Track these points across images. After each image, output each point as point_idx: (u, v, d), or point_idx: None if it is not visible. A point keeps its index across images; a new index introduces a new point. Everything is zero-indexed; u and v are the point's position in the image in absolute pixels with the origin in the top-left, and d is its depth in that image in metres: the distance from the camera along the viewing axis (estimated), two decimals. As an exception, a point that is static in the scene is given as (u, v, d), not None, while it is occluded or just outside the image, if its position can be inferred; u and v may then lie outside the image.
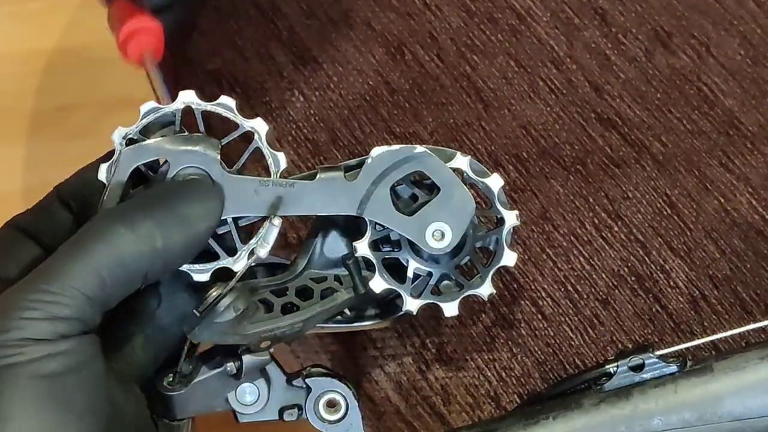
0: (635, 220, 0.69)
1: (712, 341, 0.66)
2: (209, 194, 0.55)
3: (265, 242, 0.55)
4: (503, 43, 0.74)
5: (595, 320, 0.67)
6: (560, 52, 0.73)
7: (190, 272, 0.56)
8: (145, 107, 0.57)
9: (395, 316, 0.60)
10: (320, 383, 0.58)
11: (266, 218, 0.56)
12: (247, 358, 0.56)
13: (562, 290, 0.67)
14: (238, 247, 0.57)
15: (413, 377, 0.66)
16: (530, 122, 0.72)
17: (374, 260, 0.58)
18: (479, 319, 0.67)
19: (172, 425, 0.57)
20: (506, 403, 0.65)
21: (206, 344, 0.57)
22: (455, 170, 0.57)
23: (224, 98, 0.57)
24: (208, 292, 0.55)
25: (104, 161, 0.57)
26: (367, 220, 0.57)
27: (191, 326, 0.54)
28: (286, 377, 0.58)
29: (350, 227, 0.59)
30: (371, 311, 0.61)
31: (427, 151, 0.57)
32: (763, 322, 0.59)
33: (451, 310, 0.58)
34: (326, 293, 0.58)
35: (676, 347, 0.57)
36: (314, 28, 0.75)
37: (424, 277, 0.59)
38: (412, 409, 0.66)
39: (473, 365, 0.66)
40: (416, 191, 0.58)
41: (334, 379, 0.58)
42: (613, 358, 0.57)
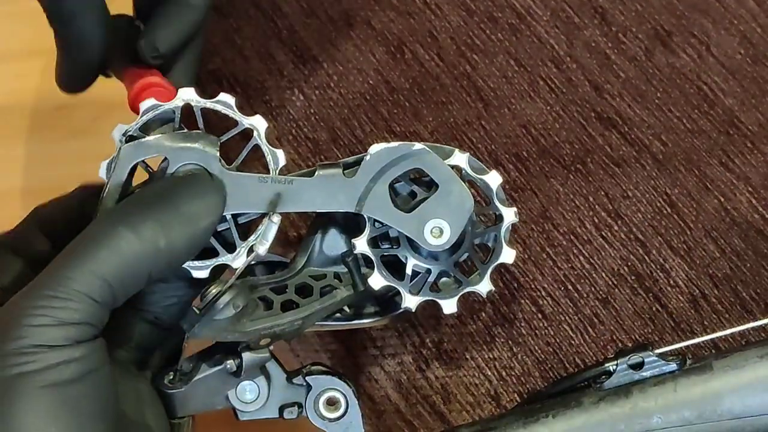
0: (635, 219, 0.69)
1: (712, 339, 0.66)
2: (210, 189, 0.55)
3: (264, 239, 0.55)
4: (503, 42, 0.74)
5: (595, 319, 0.67)
6: (560, 51, 0.73)
7: (189, 269, 0.56)
8: (144, 105, 0.57)
9: (394, 313, 0.60)
10: (320, 381, 0.58)
11: (265, 215, 0.56)
12: (246, 355, 0.56)
13: (562, 289, 0.67)
14: (237, 243, 0.57)
15: (413, 376, 0.66)
16: (530, 121, 0.72)
17: (373, 257, 0.58)
18: (479, 317, 0.67)
19: (173, 423, 0.57)
20: (506, 402, 0.65)
21: (206, 342, 0.57)
22: (454, 167, 0.57)
23: (223, 95, 0.57)
24: (207, 289, 0.55)
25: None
26: (365, 217, 0.57)
27: (191, 324, 0.55)
28: (286, 375, 0.58)
29: (349, 224, 0.59)
30: (371, 309, 0.61)
31: (425, 148, 0.57)
32: (762, 320, 0.59)
33: (449, 307, 0.59)
34: (326, 291, 0.58)
35: (675, 345, 0.58)
36: (314, 27, 0.75)
37: (422, 274, 0.59)
38: (411, 407, 0.66)
39: (473, 364, 0.66)
40: (415, 188, 0.58)
41: (334, 377, 0.59)
42: (612, 356, 0.57)
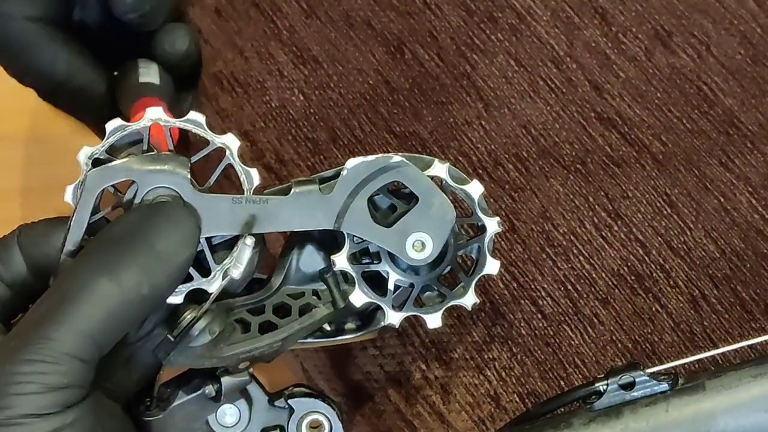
0: (635, 219, 0.69)
1: (712, 346, 0.66)
2: (184, 219, 0.53)
3: (238, 263, 0.54)
4: (503, 42, 0.74)
5: (594, 319, 0.67)
6: (560, 51, 0.73)
7: None
8: (111, 125, 0.55)
9: (376, 328, 0.59)
10: (303, 404, 0.57)
11: (239, 237, 0.55)
12: (225, 379, 0.55)
13: (561, 289, 0.67)
14: (212, 267, 0.55)
15: (413, 376, 0.66)
16: (530, 121, 0.72)
17: (354, 274, 0.56)
18: (479, 318, 0.67)
19: None
20: (506, 402, 0.65)
21: (182, 368, 0.56)
22: (433, 178, 0.56)
23: (193, 114, 0.55)
24: (181, 315, 0.53)
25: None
26: (345, 233, 0.56)
27: (166, 352, 0.53)
28: (267, 398, 0.57)
29: (326, 240, 0.57)
30: (352, 324, 0.60)
31: (404, 160, 0.55)
32: (754, 339, 0.59)
33: (434, 321, 0.58)
34: (305, 309, 0.57)
35: (667, 365, 0.56)
36: (314, 27, 0.75)
37: (405, 288, 0.58)
38: (411, 407, 0.66)
39: (473, 364, 0.66)
40: (394, 201, 0.57)
41: (317, 399, 0.58)
42: (602, 376, 0.56)
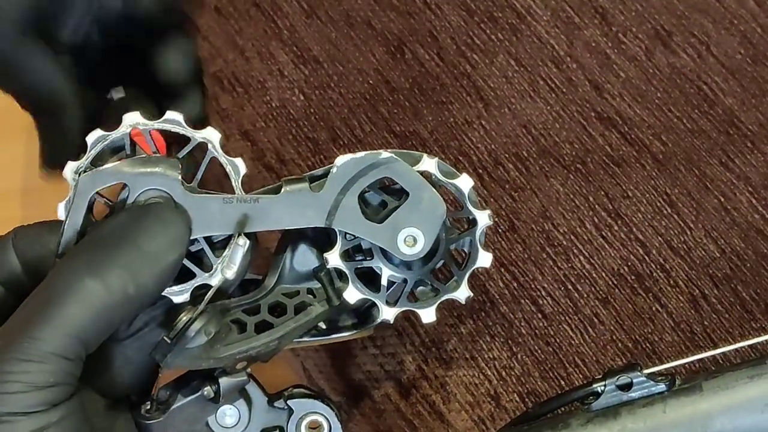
0: (635, 219, 0.69)
1: (712, 345, 0.66)
2: (173, 220, 0.53)
3: (231, 263, 0.54)
4: (503, 42, 0.74)
5: (595, 319, 0.67)
6: (560, 51, 0.73)
7: (168, 295, 0.55)
8: (91, 137, 0.55)
9: (372, 325, 0.59)
10: (302, 405, 0.58)
11: (232, 237, 0.55)
12: (224, 380, 0.55)
13: (562, 289, 0.67)
14: (212, 262, 0.55)
15: (413, 375, 0.66)
16: (530, 121, 0.72)
17: (347, 271, 0.57)
18: (479, 317, 0.67)
19: None
20: (506, 401, 0.65)
21: (181, 369, 0.56)
22: (423, 173, 0.56)
23: (170, 113, 0.56)
24: (177, 317, 0.53)
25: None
26: (336, 230, 0.56)
27: (163, 354, 0.53)
28: (267, 398, 0.57)
29: (319, 238, 0.58)
30: (348, 321, 0.60)
31: (393, 156, 0.56)
32: (749, 341, 0.59)
33: (428, 316, 0.58)
34: (300, 308, 0.57)
35: (664, 366, 0.57)
36: (314, 27, 0.75)
37: (398, 284, 0.58)
38: (411, 407, 0.66)
39: (473, 364, 0.66)
40: (385, 197, 0.57)
41: (316, 400, 0.58)
42: (600, 376, 0.56)
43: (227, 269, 0.54)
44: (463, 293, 0.58)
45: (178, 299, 0.55)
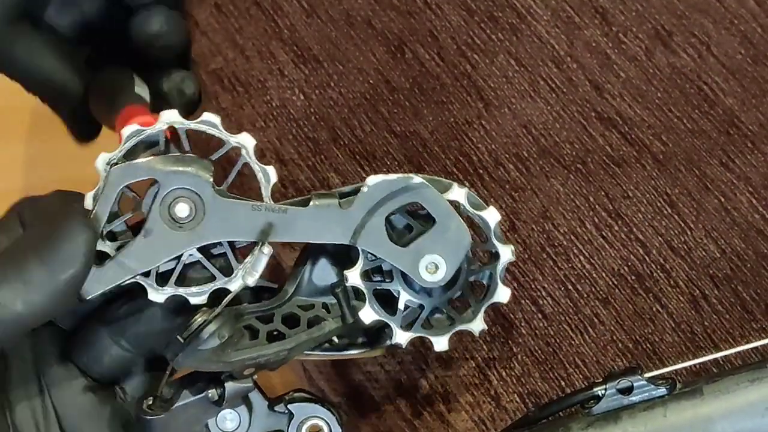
0: (635, 219, 0.69)
1: (713, 346, 0.66)
2: (74, 236, 0.52)
3: (254, 270, 0.55)
4: (504, 41, 0.74)
5: (595, 319, 0.67)
6: (561, 51, 0.73)
7: (186, 296, 0.55)
8: (127, 130, 0.55)
9: (383, 346, 0.59)
10: (303, 409, 0.58)
11: (256, 244, 0.55)
12: (229, 385, 0.55)
13: (562, 289, 0.67)
14: (234, 266, 0.56)
15: (413, 376, 0.66)
16: (530, 121, 0.72)
17: (365, 290, 0.57)
18: (479, 318, 0.67)
19: None
20: (506, 402, 0.65)
21: (187, 368, 0.56)
22: (451, 202, 0.56)
23: (207, 115, 0.56)
24: (192, 317, 0.54)
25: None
26: (359, 249, 0.56)
27: (174, 352, 0.53)
28: (268, 402, 0.57)
29: (340, 255, 0.58)
30: (359, 340, 0.60)
31: (424, 182, 0.56)
32: (750, 344, 0.59)
33: (441, 344, 0.58)
34: (313, 322, 0.57)
35: (665, 369, 0.57)
36: (315, 26, 0.75)
37: (414, 309, 0.58)
38: (412, 407, 0.66)
39: (473, 364, 0.66)
40: (411, 222, 0.57)
41: (317, 404, 0.58)
42: (601, 380, 0.56)
43: (249, 276, 0.55)
44: (477, 326, 0.58)
45: (195, 300, 0.55)
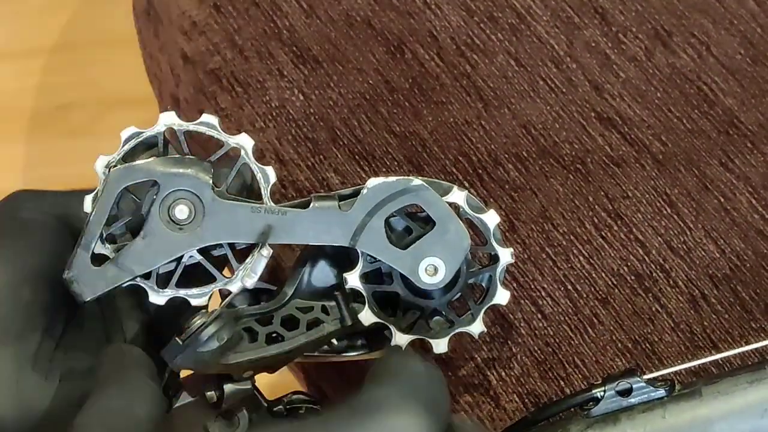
0: (635, 219, 0.69)
1: (712, 346, 0.66)
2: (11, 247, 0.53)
3: (252, 272, 0.55)
4: (503, 42, 0.74)
5: (594, 319, 0.67)
6: (560, 51, 0.73)
7: (187, 297, 0.55)
8: (125, 133, 0.55)
9: (382, 348, 0.59)
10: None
11: (256, 245, 0.55)
12: (228, 387, 0.55)
13: (561, 289, 0.67)
14: (234, 267, 0.56)
15: (412, 376, 0.66)
16: (530, 121, 0.72)
17: (365, 293, 0.57)
18: (479, 318, 0.67)
19: None
20: (505, 402, 0.65)
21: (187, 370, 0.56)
22: (451, 205, 0.56)
23: (206, 116, 0.56)
24: (191, 319, 0.53)
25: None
26: (359, 251, 0.56)
27: (173, 354, 0.53)
28: (267, 405, 0.57)
29: (339, 257, 0.58)
30: (358, 342, 0.60)
31: (424, 184, 0.56)
32: (749, 346, 0.59)
33: (440, 347, 0.58)
34: (312, 324, 0.57)
35: (664, 371, 0.57)
36: (314, 26, 0.75)
37: (414, 311, 0.58)
38: (411, 408, 0.66)
39: (472, 364, 0.66)
40: (411, 224, 0.57)
41: (315, 406, 0.58)
42: (599, 382, 0.56)
43: (248, 278, 0.55)
44: (477, 328, 0.58)
45: (195, 302, 0.55)
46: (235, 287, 0.55)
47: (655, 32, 0.74)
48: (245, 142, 0.56)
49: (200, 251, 0.56)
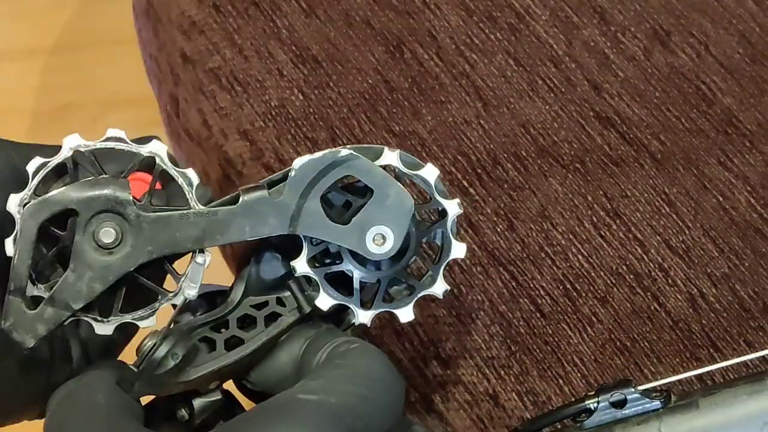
0: (634, 218, 0.69)
1: (711, 344, 0.66)
2: None
3: (191, 282, 0.53)
4: (502, 41, 0.74)
5: (593, 318, 0.67)
6: (559, 50, 0.74)
7: (133, 321, 0.53)
8: (31, 166, 0.53)
9: (347, 328, 0.57)
10: None
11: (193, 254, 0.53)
12: (197, 402, 0.53)
13: (560, 288, 0.68)
14: (176, 280, 0.53)
15: (411, 374, 0.66)
16: (529, 121, 0.72)
17: (316, 277, 0.54)
18: (477, 316, 0.67)
19: None
20: (504, 400, 0.65)
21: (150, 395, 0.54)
22: (386, 168, 0.54)
23: (111, 131, 0.54)
24: (141, 343, 0.51)
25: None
26: (301, 236, 0.54)
27: (130, 383, 0.51)
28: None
29: (285, 244, 0.55)
30: (322, 327, 0.57)
31: (352, 152, 0.53)
32: (748, 356, 0.58)
33: (406, 315, 0.55)
34: (270, 319, 0.55)
35: (659, 382, 0.55)
36: (313, 26, 0.75)
37: (372, 285, 0.56)
38: (410, 406, 0.66)
39: (472, 363, 0.66)
40: (349, 197, 0.55)
41: None
42: (593, 393, 0.55)
43: (188, 289, 0.53)
44: (439, 288, 0.55)
45: (144, 324, 0.53)
46: (179, 300, 0.53)
47: (653, 32, 0.74)
48: (158, 149, 0.54)
49: (137, 270, 0.53)
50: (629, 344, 0.66)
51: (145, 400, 0.54)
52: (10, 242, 0.52)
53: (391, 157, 0.54)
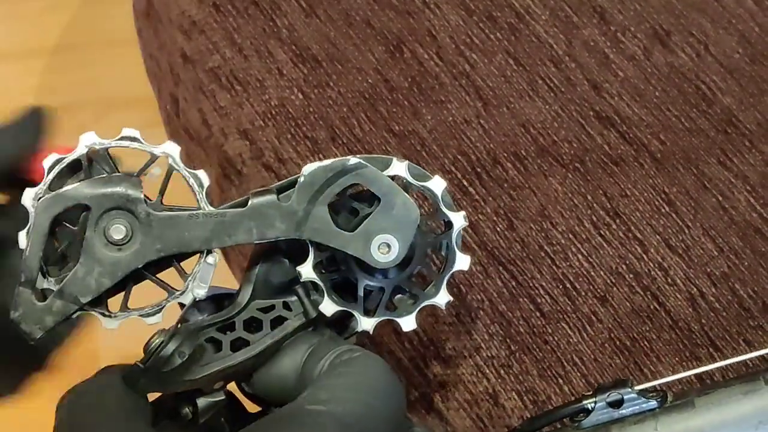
0: (633, 217, 0.69)
1: (710, 343, 0.66)
2: None
3: (201, 282, 0.53)
4: (502, 41, 0.74)
5: (593, 317, 0.67)
6: (559, 50, 0.74)
7: (141, 317, 0.54)
8: (47, 161, 0.54)
9: (351, 335, 0.57)
10: None
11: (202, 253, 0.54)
12: (201, 401, 0.54)
13: (560, 288, 0.68)
14: (184, 280, 0.54)
15: (411, 374, 0.66)
16: (529, 120, 0.72)
17: (321, 283, 0.55)
18: (477, 316, 0.67)
19: None
20: (504, 400, 0.65)
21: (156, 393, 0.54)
22: (394, 178, 0.55)
23: (126, 130, 0.54)
24: (149, 340, 0.52)
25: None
26: (308, 241, 0.55)
27: (136, 379, 0.52)
28: (249, 416, 0.56)
29: (293, 249, 0.56)
30: (326, 333, 0.57)
31: (361, 161, 0.54)
32: (743, 356, 0.58)
33: (408, 324, 0.56)
34: (276, 322, 0.55)
35: (655, 382, 0.56)
36: (313, 26, 0.75)
37: (376, 293, 0.56)
38: (410, 405, 0.66)
39: (471, 362, 0.66)
40: (356, 205, 0.55)
41: None
42: (590, 393, 0.55)
43: (197, 288, 0.54)
44: (442, 298, 0.56)
45: (151, 321, 0.54)
46: (187, 299, 0.54)
47: (653, 31, 0.74)
48: (171, 149, 0.54)
49: (145, 267, 0.54)
50: (629, 343, 0.66)
51: (150, 397, 0.54)
52: (23, 235, 0.53)
53: (399, 167, 0.55)
